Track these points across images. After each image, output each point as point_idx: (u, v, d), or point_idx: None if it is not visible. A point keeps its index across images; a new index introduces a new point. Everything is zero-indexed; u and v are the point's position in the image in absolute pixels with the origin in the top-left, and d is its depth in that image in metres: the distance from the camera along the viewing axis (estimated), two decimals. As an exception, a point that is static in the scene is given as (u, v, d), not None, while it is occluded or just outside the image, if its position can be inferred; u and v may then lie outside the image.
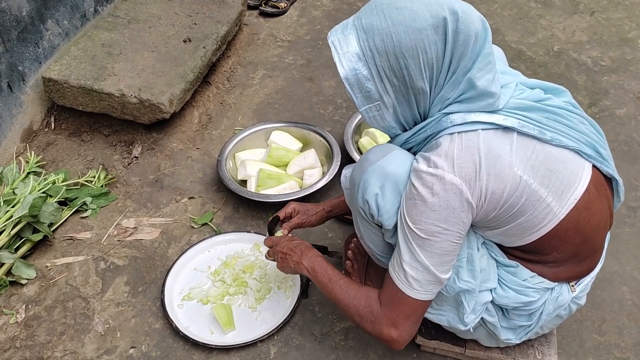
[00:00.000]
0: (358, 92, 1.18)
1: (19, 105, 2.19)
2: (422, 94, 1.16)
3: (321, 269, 1.38)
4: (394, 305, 1.22)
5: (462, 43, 1.10)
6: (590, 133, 1.23)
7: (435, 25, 1.09)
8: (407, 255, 1.18)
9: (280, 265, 1.49)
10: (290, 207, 1.64)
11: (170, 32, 2.45)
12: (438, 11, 1.09)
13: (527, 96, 1.21)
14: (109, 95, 2.12)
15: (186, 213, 2.00)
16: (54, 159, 2.19)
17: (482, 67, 1.13)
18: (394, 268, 1.22)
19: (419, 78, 1.13)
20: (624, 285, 1.74)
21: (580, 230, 1.20)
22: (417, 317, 1.24)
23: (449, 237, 1.15)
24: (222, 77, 2.61)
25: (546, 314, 1.31)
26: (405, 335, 1.23)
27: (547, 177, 1.14)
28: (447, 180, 1.11)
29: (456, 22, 1.09)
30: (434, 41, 1.10)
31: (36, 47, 2.23)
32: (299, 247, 1.45)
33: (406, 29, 1.09)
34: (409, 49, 1.10)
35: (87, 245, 1.88)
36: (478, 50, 1.12)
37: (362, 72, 1.15)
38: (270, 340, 1.60)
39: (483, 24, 1.13)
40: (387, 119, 1.21)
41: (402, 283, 1.20)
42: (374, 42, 1.12)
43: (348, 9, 3.13)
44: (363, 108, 1.20)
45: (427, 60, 1.11)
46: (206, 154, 2.23)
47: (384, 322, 1.23)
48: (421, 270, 1.17)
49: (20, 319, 1.66)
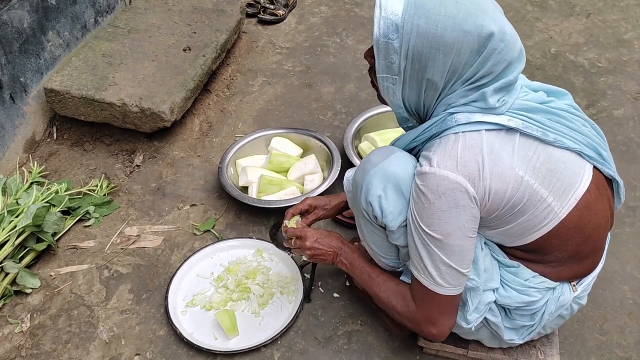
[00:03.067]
0: (382, 59, 1.16)
1: (21, 116, 2.21)
2: (433, 90, 1.17)
3: (359, 266, 1.41)
4: (426, 304, 1.25)
5: (494, 62, 1.11)
6: (592, 135, 1.25)
7: (481, 35, 1.09)
8: (427, 257, 1.19)
9: (313, 260, 1.49)
10: (306, 203, 1.61)
11: (170, 41, 2.48)
12: (489, 24, 1.09)
13: (531, 98, 1.23)
14: (111, 104, 2.14)
15: (188, 220, 2.01)
16: (57, 169, 2.20)
17: (499, 89, 1.15)
18: (418, 271, 1.23)
19: (438, 74, 1.14)
20: (625, 285, 1.75)
21: (581, 230, 1.21)
22: (452, 310, 1.27)
23: (465, 233, 1.16)
24: (222, 85, 2.63)
25: (548, 314, 1.32)
26: (445, 329, 1.27)
27: (548, 178, 1.16)
28: (452, 179, 1.12)
29: (500, 42, 1.09)
30: (472, 49, 1.10)
31: (38, 59, 2.25)
32: (333, 243, 1.45)
33: (454, 25, 1.09)
34: (447, 44, 1.10)
35: (90, 253, 1.89)
36: (504, 75, 1.14)
37: (394, 44, 1.13)
38: (274, 345, 1.61)
39: (520, 55, 1.15)
40: (397, 95, 1.21)
41: (430, 283, 1.22)
42: (419, 22, 1.10)
43: (346, 15, 3.16)
44: (381, 75, 1.19)
45: (455, 62, 1.11)
46: (207, 161, 2.25)
47: (421, 320, 1.27)
48: (444, 269, 1.19)
49: (25, 328, 1.67)
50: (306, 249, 1.46)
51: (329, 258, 1.45)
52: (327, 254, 1.45)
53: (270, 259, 1.83)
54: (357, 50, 2.88)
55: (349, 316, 1.68)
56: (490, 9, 1.11)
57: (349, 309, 1.69)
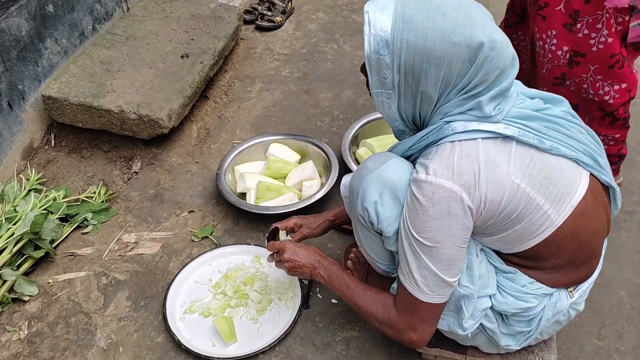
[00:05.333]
0: (375, 75, 1.17)
1: (19, 124, 2.21)
2: (428, 101, 1.18)
3: (338, 278, 1.41)
4: (409, 310, 1.25)
5: (486, 71, 1.11)
6: (588, 142, 1.26)
7: (471, 46, 1.09)
8: (414, 263, 1.20)
9: (291, 273, 1.50)
10: (292, 222, 1.62)
11: (167, 48, 2.48)
12: (478, 33, 1.09)
13: (527, 105, 1.23)
14: (108, 111, 2.14)
15: (186, 227, 2.01)
16: (55, 176, 2.21)
17: (494, 97, 1.15)
18: (404, 276, 1.24)
19: (432, 86, 1.14)
20: (622, 290, 1.75)
21: (578, 237, 1.22)
22: (434, 318, 1.27)
23: (454, 243, 1.16)
24: (220, 92, 2.64)
25: (545, 320, 1.32)
26: (425, 336, 1.28)
27: (545, 185, 1.16)
28: (447, 188, 1.12)
29: (491, 51, 1.10)
30: (462, 60, 1.10)
31: (35, 66, 2.25)
32: (310, 256, 1.45)
33: (443, 38, 1.09)
34: (437, 57, 1.10)
35: (88, 260, 1.89)
36: (498, 82, 1.14)
37: (385, 60, 1.14)
38: (272, 352, 1.61)
39: (513, 61, 1.15)
40: (393, 109, 1.22)
41: (414, 289, 1.22)
42: (408, 37, 1.11)
43: (343, 22, 3.17)
44: (375, 90, 1.19)
45: (448, 73, 1.12)
46: (205, 167, 2.25)
47: (402, 327, 1.27)
48: (430, 276, 1.19)
49: (23, 336, 1.67)
50: (284, 262, 1.48)
51: (306, 271, 1.45)
52: (304, 267, 1.45)
53: (268, 266, 1.83)
54: (354, 56, 2.89)
55: (347, 322, 1.68)
56: (479, 17, 1.12)
57: (347, 315, 1.69)
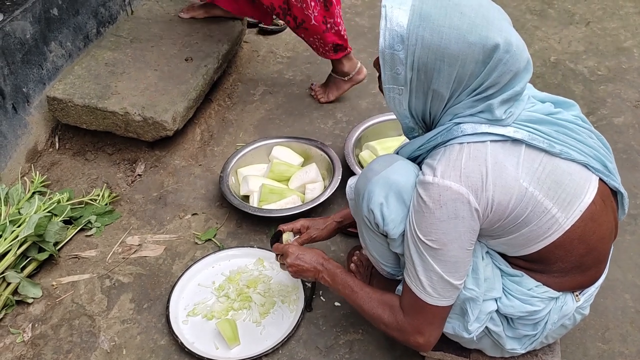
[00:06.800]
0: (388, 70, 1.16)
1: (23, 126, 2.22)
2: (440, 100, 1.17)
3: (342, 281, 1.40)
4: (415, 313, 1.25)
5: (499, 73, 1.11)
6: (598, 147, 1.25)
7: (486, 47, 1.08)
8: (420, 265, 1.19)
9: (296, 276, 1.50)
10: (299, 224, 1.63)
11: (172, 51, 2.49)
12: (495, 35, 1.08)
13: (538, 109, 1.23)
14: (113, 113, 2.15)
15: (190, 229, 2.01)
16: (59, 179, 2.21)
17: (506, 100, 1.15)
18: (410, 278, 1.23)
19: (444, 85, 1.14)
20: (627, 293, 1.74)
21: (585, 241, 1.21)
22: (440, 321, 1.27)
23: (461, 245, 1.16)
24: (223, 94, 2.64)
25: (551, 324, 1.32)
26: (432, 340, 1.27)
27: (553, 189, 1.16)
28: (454, 190, 1.12)
29: (505, 53, 1.09)
30: (476, 60, 1.10)
31: (40, 69, 2.26)
32: (314, 260, 1.45)
33: (459, 37, 1.08)
34: (452, 56, 1.10)
35: (92, 263, 1.90)
36: (510, 85, 1.13)
37: (399, 55, 1.13)
38: (275, 355, 1.60)
39: (527, 65, 1.14)
40: (403, 106, 1.21)
41: (420, 292, 1.21)
42: (424, 34, 1.10)
43: (346, 25, 3.16)
44: (387, 86, 1.19)
45: (461, 73, 1.11)
46: (209, 170, 2.25)
47: (409, 330, 1.26)
48: (436, 279, 1.19)
49: (27, 338, 1.67)
50: (288, 266, 1.48)
51: (310, 275, 1.45)
52: (308, 271, 1.45)
53: (271, 268, 1.83)
54: (357, 59, 2.89)
55: (351, 325, 1.67)
56: (497, 19, 1.11)
57: (350, 318, 1.69)
